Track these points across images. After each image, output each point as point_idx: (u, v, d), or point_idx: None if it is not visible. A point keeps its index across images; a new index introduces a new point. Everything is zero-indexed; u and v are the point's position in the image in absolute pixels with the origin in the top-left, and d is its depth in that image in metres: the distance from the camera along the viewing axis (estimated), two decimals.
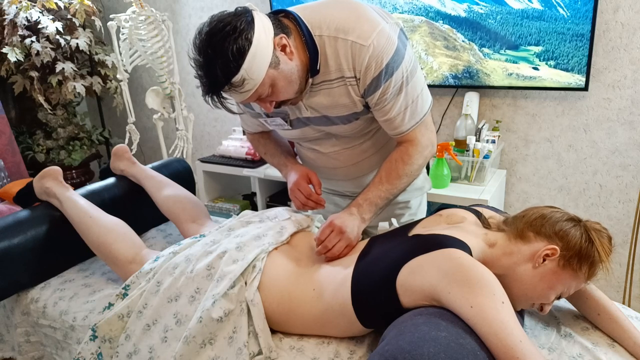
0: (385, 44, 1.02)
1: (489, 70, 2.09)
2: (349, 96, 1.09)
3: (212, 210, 2.75)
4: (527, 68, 2.01)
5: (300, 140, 1.29)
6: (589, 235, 0.91)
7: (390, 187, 1.15)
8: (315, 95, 1.11)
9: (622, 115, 1.96)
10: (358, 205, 1.15)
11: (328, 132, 1.20)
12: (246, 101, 1.02)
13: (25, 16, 2.65)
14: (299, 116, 1.17)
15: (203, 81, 0.98)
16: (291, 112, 1.17)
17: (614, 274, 2.15)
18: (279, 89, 1.02)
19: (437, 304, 0.87)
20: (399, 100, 1.09)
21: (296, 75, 1.03)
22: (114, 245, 1.33)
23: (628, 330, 0.96)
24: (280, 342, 1.07)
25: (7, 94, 3.10)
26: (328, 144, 1.25)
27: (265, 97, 1.02)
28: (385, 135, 1.24)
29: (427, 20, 2.16)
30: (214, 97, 0.99)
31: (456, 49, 2.14)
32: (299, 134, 1.23)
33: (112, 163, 1.72)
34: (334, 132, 1.20)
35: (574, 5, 1.86)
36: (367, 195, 1.15)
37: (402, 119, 1.12)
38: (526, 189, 2.26)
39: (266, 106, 1.05)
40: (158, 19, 2.52)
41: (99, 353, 1.13)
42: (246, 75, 0.95)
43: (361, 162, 1.28)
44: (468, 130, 2.07)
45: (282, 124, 1.20)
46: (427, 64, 2.24)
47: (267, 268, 1.10)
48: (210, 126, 3.20)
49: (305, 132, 1.22)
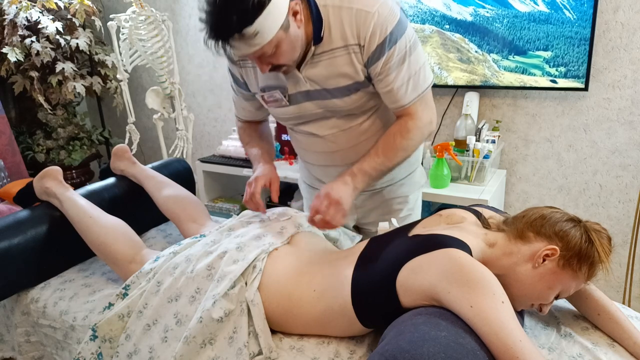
0: (389, 14, 1.05)
1: (505, 83, 2.06)
2: (352, 65, 1.11)
3: (212, 210, 2.75)
4: (545, 81, 1.99)
5: (297, 121, 1.27)
6: (589, 235, 0.91)
7: (385, 159, 1.16)
8: (316, 66, 1.13)
9: (622, 115, 1.96)
10: (353, 174, 1.16)
11: (326, 109, 1.20)
12: (249, 56, 1.03)
13: (25, 16, 2.65)
14: (297, 90, 1.18)
15: (212, 24, 0.98)
16: (290, 86, 1.18)
17: (614, 274, 2.15)
18: (281, 52, 1.03)
19: (437, 304, 0.88)
20: (402, 71, 1.10)
21: (299, 43, 1.06)
22: (114, 245, 1.33)
23: (628, 330, 0.97)
24: (281, 342, 1.07)
25: (7, 94, 3.10)
26: (325, 126, 1.24)
27: (267, 56, 1.04)
28: (384, 117, 1.25)
29: (438, 30, 2.13)
30: (218, 43, 1.00)
31: (470, 61, 2.11)
32: (296, 110, 1.22)
33: (112, 163, 1.72)
34: (332, 108, 1.19)
35: (580, 8, 1.85)
36: (362, 165, 1.17)
37: (404, 90, 1.13)
38: (526, 189, 2.26)
39: (263, 67, 1.06)
40: (158, 19, 2.52)
41: (99, 353, 1.13)
42: (259, 29, 0.96)
43: (359, 145, 1.27)
44: (468, 130, 2.07)
45: (280, 98, 1.20)
46: (442, 79, 2.19)
47: (267, 268, 1.10)
48: (210, 126, 3.20)
49: (303, 109, 1.21)
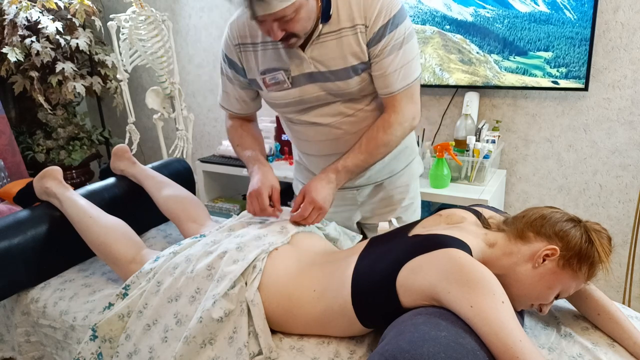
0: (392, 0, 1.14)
1: (507, 84, 2.06)
2: (359, 45, 1.15)
3: (212, 210, 2.75)
4: (546, 82, 1.99)
5: (298, 107, 1.27)
6: (589, 235, 0.91)
7: (368, 156, 1.23)
8: (321, 46, 1.16)
9: (622, 115, 1.96)
10: (337, 171, 1.22)
11: (329, 92, 1.22)
12: (269, 16, 1.05)
13: (25, 16, 2.65)
14: (301, 72, 1.20)
15: None
16: (292, 68, 1.20)
17: (614, 274, 2.15)
18: (298, 18, 1.07)
19: (437, 304, 0.87)
20: (397, 57, 1.17)
21: (313, 16, 1.11)
22: (114, 245, 1.33)
23: (628, 330, 0.97)
24: (281, 342, 1.07)
25: (7, 94, 3.10)
26: (328, 114, 1.26)
27: (284, 21, 1.07)
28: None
29: (439, 30, 2.12)
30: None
31: (472, 62, 2.11)
32: (298, 93, 1.23)
33: (112, 163, 1.72)
34: (336, 90, 1.21)
35: (580, 8, 1.85)
36: (345, 162, 1.23)
37: (395, 77, 1.18)
38: (526, 189, 2.26)
39: (277, 33, 1.09)
40: (158, 19, 2.52)
41: (99, 353, 1.13)
42: None
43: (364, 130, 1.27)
44: (468, 130, 2.07)
45: (282, 80, 1.22)
46: (444, 81, 2.18)
47: (267, 268, 1.10)
48: (210, 126, 3.20)
49: (305, 91, 1.22)
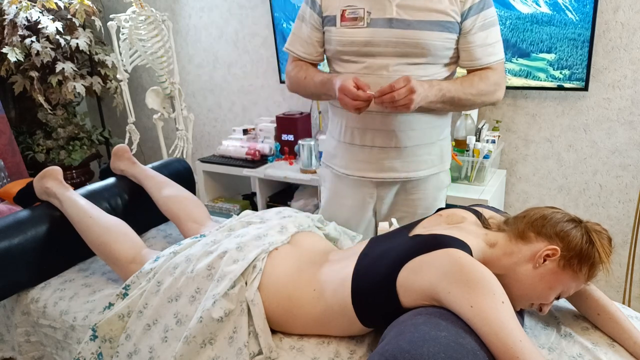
0: None
1: (508, 84, 2.04)
2: (451, 3, 1.20)
3: (212, 210, 2.75)
4: (551, 85, 1.99)
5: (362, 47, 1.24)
6: (590, 236, 0.91)
7: (462, 88, 1.24)
8: None
9: (622, 115, 1.96)
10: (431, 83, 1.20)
11: (404, 41, 1.21)
12: None
13: (25, 16, 2.65)
14: (381, 16, 1.20)
15: None
16: (374, 11, 1.20)
17: (614, 274, 2.15)
18: None
19: (437, 304, 0.88)
20: (493, 32, 1.25)
21: None
22: (114, 245, 1.33)
23: (628, 330, 0.97)
24: (281, 342, 1.07)
25: (7, 94, 3.10)
26: (393, 68, 1.23)
27: None
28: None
29: None
30: None
31: None
32: (370, 34, 1.22)
33: (112, 163, 1.72)
34: (412, 40, 1.20)
35: (582, 9, 1.84)
36: (441, 83, 1.23)
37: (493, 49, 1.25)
38: (526, 189, 2.26)
39: None
40: (158, 19, 2.52)
41: (99, 353, 1.13)
42: None
43: None
44: (468, 130, 2.07)
45: (361, 17, 1.22)
46: None
47: (267, 268, 1.10)
48: (210, 126, 3.20)
49: (378, 34, 1.21)
